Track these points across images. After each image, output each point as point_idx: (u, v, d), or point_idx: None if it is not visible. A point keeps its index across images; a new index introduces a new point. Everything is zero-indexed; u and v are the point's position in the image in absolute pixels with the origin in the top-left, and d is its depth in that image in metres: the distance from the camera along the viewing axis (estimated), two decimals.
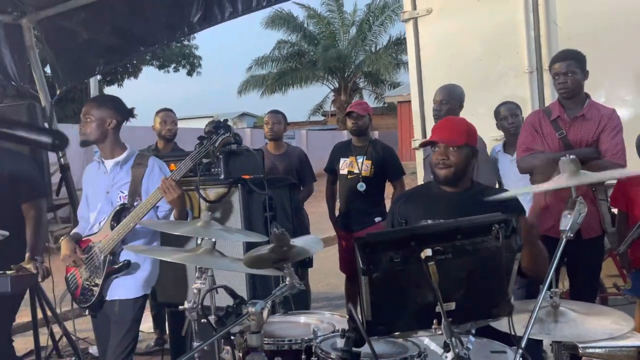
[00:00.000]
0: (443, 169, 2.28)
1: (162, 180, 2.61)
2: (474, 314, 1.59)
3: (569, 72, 2.93)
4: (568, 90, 2.94)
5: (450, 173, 2.28)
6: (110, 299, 2.73)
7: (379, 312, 1.52)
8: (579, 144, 2.91)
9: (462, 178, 2.33)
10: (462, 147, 2.28)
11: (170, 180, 2.61)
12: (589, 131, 2.91)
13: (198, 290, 2.17)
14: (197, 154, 2.69)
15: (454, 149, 2.27)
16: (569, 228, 1.61)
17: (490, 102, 4.26)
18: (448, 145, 2.27)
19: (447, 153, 2.27)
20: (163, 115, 4.38)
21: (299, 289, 1.79)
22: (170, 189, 2.58)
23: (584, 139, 2.91)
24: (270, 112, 4.61)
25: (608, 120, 2.90)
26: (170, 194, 2.58)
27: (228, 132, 2.73)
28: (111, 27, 3.89)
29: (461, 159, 2.28)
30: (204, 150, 2.68)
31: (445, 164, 2.27)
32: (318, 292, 5.91)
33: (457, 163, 2.27)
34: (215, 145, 2.70)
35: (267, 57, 24.02)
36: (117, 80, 16.99)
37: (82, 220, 2.94)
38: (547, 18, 4.59)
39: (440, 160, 2.28)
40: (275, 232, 1.69)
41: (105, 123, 2.73)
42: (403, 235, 1.52)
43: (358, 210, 4.24)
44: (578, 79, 2.95)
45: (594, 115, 2.93)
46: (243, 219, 3.12)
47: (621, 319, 1.74)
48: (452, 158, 2.27)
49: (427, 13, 5.05)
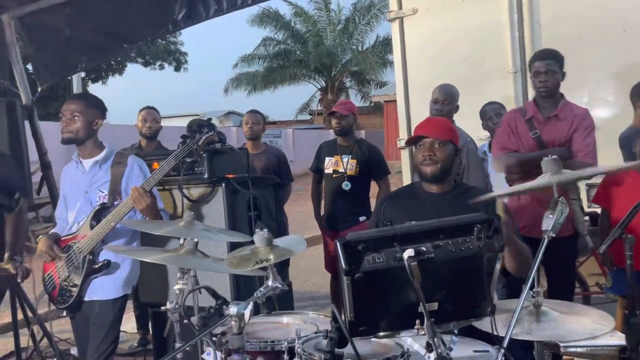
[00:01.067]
0: (430, 165, 2.28)
1: (132, 190, 2.58)
2: (457, 314, 1.59)
3: (549, 71, 2.95)
4: (548, 89, 2.96)
5: (437, 169, 2.28)
6: (89, 300, 2.70)
7: (361, 312, 1.52)
8: (552, 143, 2.94)
9: (448, 175, 2.33)
10: (447, 143, 2.29)
11: (139, 189, 2.56)
12: (562, 131, 2.94)
13: (180, 290, 2.15)
14: (180, 153, 2.67)
15: (439, 145, 2.28)
16: (550, 228, 1.62)
17: (475, 102, 4.29)
18: (434, 140, 2.28)
19: (433, 149, 2.28)
20: (144, 113, 4.35)
21: (282, 289, 1.78)
22: (140, 198, 2.54)
23: (557, 138, 2.94)
24: (250, 112, 4.64)
25: (581, 120, 2.93)
26: (140, 203, 2.54)
27: (212, 130, 2.71)
28: (94, 24, 3.84)
29: (447, 155, 2.29)
30: (187, 149, 2.66)
31: (432, 160, 2.27)
32: (303, 292, 5.91)
33: (443, 159, 2.28)
34: (198, 144, 2.68)
35: (254, 55, 23.95)
36: (101, 77, 16.82)
37: (60, 221, 2.90)
38: (531, 19, 4.63)
39: (427, 156, 2.28)
40: (258, 233, 1.68)
41: (93, 123, 2.71)
42: (385, 235, 1.52)
43: (343, 209, 4.24)
44: (557, 79, 2.98)
45: (568, 115, 2.96)
46: (227, 219, 3.10)
47: (602, 318, 1.75)
48: (438, 154, 2.27)
49: (413, 13, 5.07)
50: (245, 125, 4.57)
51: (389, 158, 11.03)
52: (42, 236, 2.80)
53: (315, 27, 24.02)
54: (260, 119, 4.62)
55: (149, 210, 2.59)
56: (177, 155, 2.66)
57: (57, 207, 2.98)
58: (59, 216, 2.92)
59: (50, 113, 14.01)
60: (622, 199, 3.22)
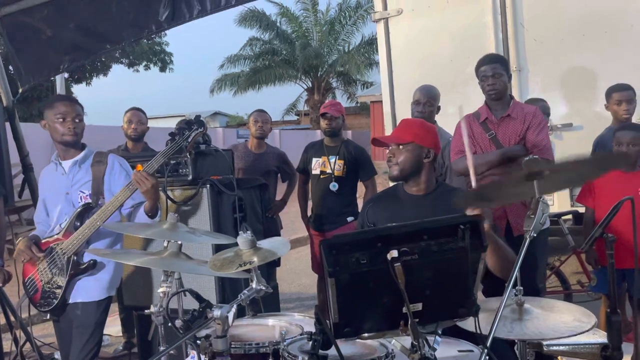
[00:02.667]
0: (390, 167, 2.35)
1: (133, 173, 2.57)
2: (441, 314, 1.60)
3: (496, 74, 3.05)
4: (497, 91, 3.06)
5: (396, 171, 2.33)
6: (72, 302, 2.67)
7: (346, 313, 1.52)
8: (507, 142, 3.03)
9: (412, 177, 2.35)
10: (408, 145, 2.32)
11: (140, 172, 2.56)
12: (516, 129, 3.02)
13: (164, 293, 2.13)
14: (169, 150, 2.63)
15: (399, 148, 2.32)
16: (532, 227, 1.63)
17: (459, 103, 4.32)
18: (394, 143, 2.33)
19: (393, 151, 2.34)
20: (129, 114, 4.32)
21: (267, 292, 1.77)
22: (143, 179, 2.53)
23: (512, 137, 3.03)
24: (258, 111, 4.66)
25: (532, 117, 3.02)
26: (145, 184, 2.53)
27: (201, 127, 2.68)
28: (76, 24, 3.79)
29: (407, 157, 2.31)
30: (176, 146, 2.63)
31: (391, 162, 2.33)
32: (290, 293, 5.90)
33: (402, 161, 2.32)
34: (187, 141, 2.65)
35: (239, 55, 23.85)
36: (85, 78, 16.62)
37: (40, 225, 2.86)
38: (514, 20, 4.68)
39: (388, 158, 2.34)
40: (242, 235, 1.67)
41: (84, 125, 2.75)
42: (369, 236, 1.52)
43: (330, 210, 4.25)
44: (504, 81, 3.08)
45: (519, 114, 3.05)
46: (212, 220, 3.09)
47: (583, 315, 1.77)
48: (397, 155, 2.32)
49: (397, 14, 5.09)
50: (255, 124, 4.56)
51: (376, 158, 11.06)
52: (22, 238, 2.78)
53: (301, 27, 23.99)
54: (269, 118, 4.66)
55: (153, 191, 2.58)
56: (165, 153, 2.63)
57: (36, 211, 2.94)
58: (39, 220, 2.89)
59: (34, 114, 13.82)
60: (606, 197, 3.26)
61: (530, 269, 2.91)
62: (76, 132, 2.69)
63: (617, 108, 3.71)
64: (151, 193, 2.58)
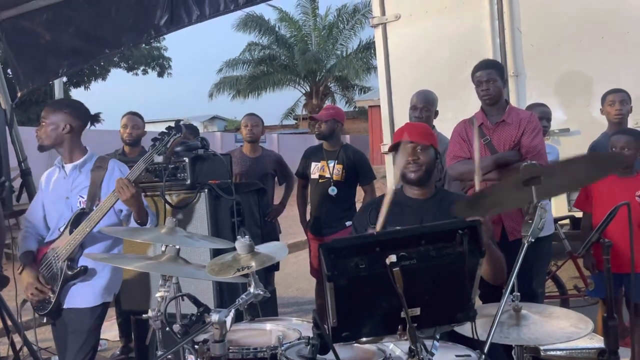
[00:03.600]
0: (415, 170, 2.32)
1: (117, 180, 2.55)
2: (439, 319, 1.60)
3: (490, 79, 3.06)
4: (491, 96, 3.07)
5: (422, 172, 2.32)
6: (67, 307, 2.66)
7: (344, 318, 1.52)
8: (502, 147, 3.04)
9: (430, 179, 2.37)
10: (429, 148, 2.34)
11: (123, 179, 2.54)
12: (511, 135, 3.03)
13: (162, 298, 2.13)
14: (149, 156, 2.63)
15: (421, 149, 2.32)
16: (530, 233, 1.63)
17: (457, 108, 4.33)
18: (417, 144, 2.31)
19: (416, 153, 2.32)
20: (125, 119, 4.31)
21: (265, 297, 1.78)
22: (124, 187, 2.51)
23: (507, 142, 3.04)
24: (248, 115, 4.63)
25: (527, 123, 3.03)
26: (124, 193, 2.50)
27: (179, 132, 2.69)
28: (75, 29, 3.80)
29: (429, 159, 2.33)
30: (155, 151, 2.63)
31: (417, 164, 2.32)
32: (288, 297, 5.89)
33: (426, 162, 2.32)
34: (166, 146, 2.65)
35: (238, 60, 23.89)
36: (83, 82, 16.64)
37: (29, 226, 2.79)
38: (511, 26, 4.70)
39: (411, 161, 2.31)
40: (240, 240, 1.67)
41: (59, 128, 2.66)
42: (368, 241, 1.52)
43: (329, 214, 4.25)
44: (499, 86, 3.09)
45: (514, 119, 3.06)
46: (210, 225, 3.09)
47: (580, 321, 1.77)
48: (421, 158, 2.32)
49: (395, 19, 5.12)
50: (245, 128, 4.55)
51: (374, 163, 11.06)
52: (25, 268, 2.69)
53: (300, 32, 24.05)
54: (259, 121, 4.60)
55: (133, 201, 2.55)
56: (146, 158, 2.62)
57: (29, 209, 2.86)
58: (31, 219, 2.81)
59: (31, 118, 13.82)
60: (603, 202, 3.27)
61: (530, 274, 2.92)
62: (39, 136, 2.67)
63: (610, 109, 3.75)
64: (131, 202, 2.55)
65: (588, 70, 4.51)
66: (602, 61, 4.42)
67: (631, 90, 3.91)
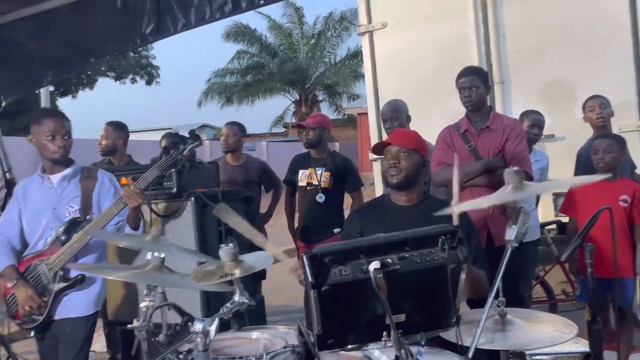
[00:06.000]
0: (395, 175, 2.30)
1: (125, 189, 2.59)
2: (424, 325, 1.61)
3: (473, 86, 3.09)
4: (473, 102, 3.10)
5: (402, 177, 2.30)
6: (59, 318, 2.63)
7: (329, 325, 1.52)
8: (487, 154, 3.06)
9: (413, 185, 2.35)
10: (413, 152, 2.31)
11: (133, 188, 2.59)
12: (495, 141, 3.06)
13: (147, 308, 2.10)
14: (164, 163, 2.66)
15: (405, 153, 2.30)
16: (513, 238, 1.64)
17: (444, 114, 4.35)
18: (400, 148, 2.30)
19: (399, 157, 2.30)
20: (102, 130, 4.29)
21: (250, 305, 1.76)
22: (135, 195, 2.57)
23: (491, 149, 3.06)
24: (227, 124, 4.62)
25: (511, 129, 3.06)
26: (136, 200, 2.57)
27: (197, 140, 2.72)
28: (60, 38, 3.77)
29: (412, 164, 2.30)
30: (171, 159, 2.66)
31: (397, 168, 2.30)
32: (277, 305, 5.85)
33: (408, 168, 2.29)
34: (183, 155, 2.69)
35: (227, 69, 23.89)
36: (70, 91, 16.56)
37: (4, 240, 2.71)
38: (496, 33, 4.75)
39: (392, 164, 2.30)
40: (223, 247, 1.66)
41: None
42: (351, 248, 1.52)
43: (317, 221, 4.24)
44: (481, 93, 3.12)
45: (498, 125, 3.08)
46: (197, 233, 3.07)
47: (564, 325, 1.78)
48: (403, 162, 2.29)
49: (382, 27, 5.15)
50: (222, 138, 4.56)
51: (363, 170, 11.07)
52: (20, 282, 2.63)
53: (288, 40, 24.11)
54: (237, 130, 4.55)
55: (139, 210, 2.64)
56: (160, 166, 2.67)
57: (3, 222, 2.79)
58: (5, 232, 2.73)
59: (17, 128, 13.70)
60: (587, 207, 3.29)
61: (516, 279, 2.93)
62: (66, 150, 2.69)
63: (591, 115, 3.83)
64: (137, 211, 2.64)
65: (572, 76, 4.57)
66: (586, 67, 4.47)
67: (614, 95, 3.95)
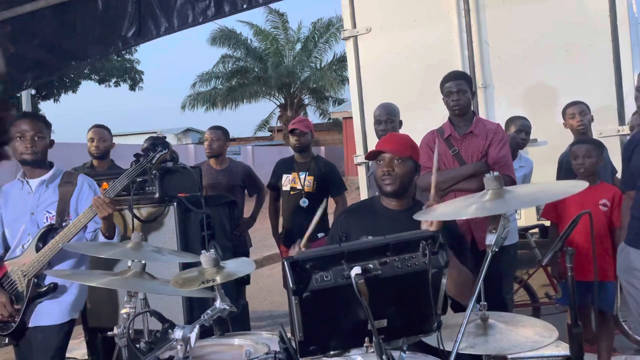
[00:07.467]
0: (389, 183, 2.29)
1: (94, 199, 2.55)
2: (406, 330, 1.60)
3: (460, 90, 3.11)
4: (461, 107, 3.11)
5: (396, 185, 2.28)
6: (33, 326, 2.59)
7: (310, 331, 1.50)
8: (470, 158, 3.08)
9: (406, 191, 2.35)
10: (407, 160, 2.30)
11: (102, 198, 2.55)
12: (478, 146, 3.08)
13: (127, 314, 2.08)
14: (133, 171, 2.63)
15: (398, 161, 2.28)
16: (494, 243, 1.65)
17: (428, 119, 4.37)
18: (393, 156, 2.28)
19: (392, 165, 2.28)
20: (92, 132, 4.23)
21: (231, 311, 1.75)
22: (104, 205, 2.53)
23: (474, 153, 3.08)
24: (210, 129, 4.60)
25: (494, 134, 3.08)
26: (105, 210, 2.54)
27: (165, 149, 2.67)
28: (40, 41, 3.73)
29: (405, 171, 2.29)
30: (139, 167, 2.62)
31: (391, 176, 2.28)
32: (262, 311, 5.83)
33: (402, 175, 2.28)
34: (152, 163, 2.64)
35: (212, 74, 23.79)
36: (53, 94, 16.33)
37: None
38: (479, 38, 4.80)
39: (386, 172, 2.28)
40: (204, 253, 1.64)
41: (48, 143, 2.70)
42: (333, 253, 1.51)
43: (301, 226, 4.20)
44: (468, 97, 3.14)
45: (481, 130, 3.10)
46: (179, 239, 3.04)
47: (545, 329, 1.79)
48: (397, 170, 2.28)
49: (366, 32, 5.17)
50: (205, 142, 4.55)
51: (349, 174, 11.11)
52: None
53: (273, 45, 24.10)
54: (221, 134, 4.55)
55: (111, 219, 2.61)
56: (129, 174, 2.62)
57: None
58: None
59: None
60: (568, 211, 3.33)
61: (498, 283, 2.94)
62: (35, 151, 2.62)
63: (571, 121, 3.90)
64: (109, 220, 2.60)
65: (553, 81, 4.63)
66: (567, 73, 4.54)
67: (595, 100, 4.01)
